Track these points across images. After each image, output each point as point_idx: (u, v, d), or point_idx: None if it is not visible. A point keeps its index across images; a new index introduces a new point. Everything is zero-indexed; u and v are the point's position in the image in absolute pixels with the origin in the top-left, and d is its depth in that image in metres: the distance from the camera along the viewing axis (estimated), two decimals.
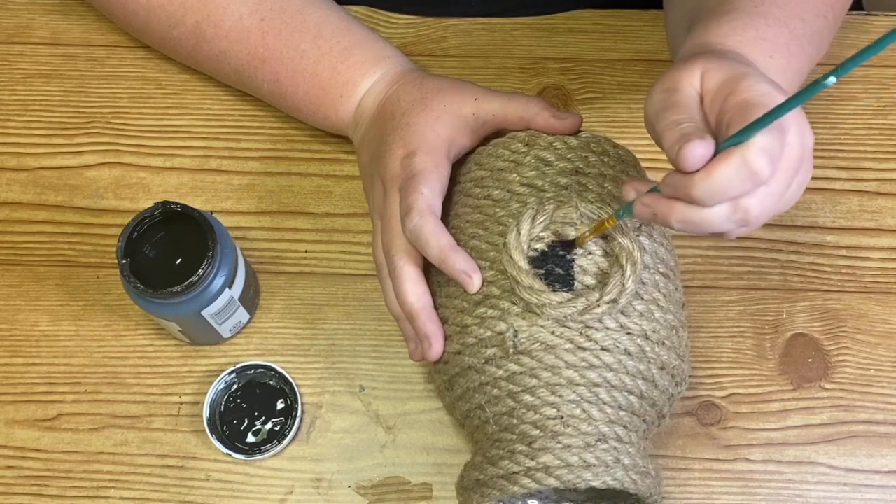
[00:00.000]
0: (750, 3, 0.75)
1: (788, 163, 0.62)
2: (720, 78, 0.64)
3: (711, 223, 0.62)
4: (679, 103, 0.64)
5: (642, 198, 0.65)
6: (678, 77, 0.65)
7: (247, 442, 0.83)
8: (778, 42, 0.73)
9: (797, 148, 0.63)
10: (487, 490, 0.70)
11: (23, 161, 0.91)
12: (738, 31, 0.72)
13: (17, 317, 0.87)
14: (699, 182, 0.60)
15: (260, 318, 0.86)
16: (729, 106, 0.62)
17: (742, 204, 0.61)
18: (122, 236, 0.76)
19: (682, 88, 0.65)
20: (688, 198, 0.61)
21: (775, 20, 0.74)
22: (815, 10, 0.78)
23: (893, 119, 0.91)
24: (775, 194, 0.62)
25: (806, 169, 0.65)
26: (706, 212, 0.62)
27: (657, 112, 0.64)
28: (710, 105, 0.63)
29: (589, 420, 0.70)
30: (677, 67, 0.66)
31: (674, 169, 0.62)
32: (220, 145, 0.91)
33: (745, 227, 0.63)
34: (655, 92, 0.66)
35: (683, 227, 0.63)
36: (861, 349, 0.85)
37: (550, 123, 0.76)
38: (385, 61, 0.83)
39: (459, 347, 0.72)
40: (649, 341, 0.71)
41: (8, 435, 0.84)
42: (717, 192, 0.60)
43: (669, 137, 0.61)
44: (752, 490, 0.82)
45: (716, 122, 0.63)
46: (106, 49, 0.95)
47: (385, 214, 0.76)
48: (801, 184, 0.65)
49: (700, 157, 0.60)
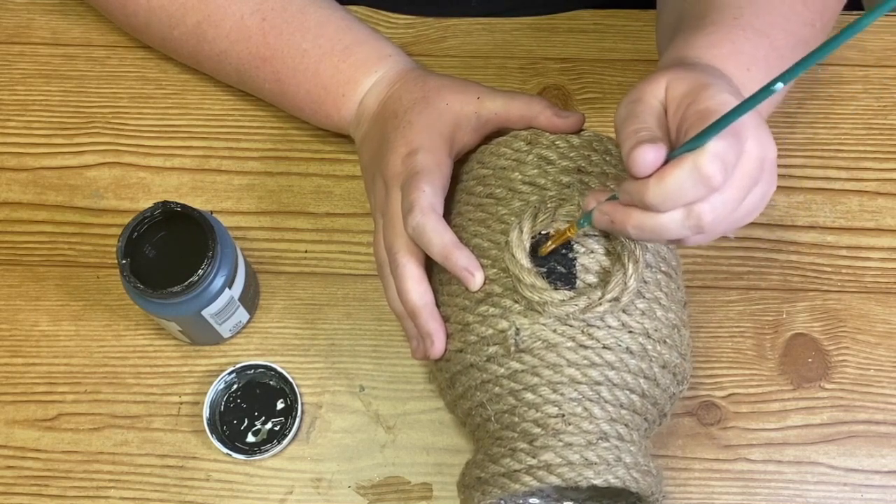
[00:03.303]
0: (729, 15, 0.75)
1: (745, 171, 0.62)
2: (683, 89, 0.65)
3: (666, 228, 0.63)
4: (640, 113, 0.65)
5: (601, 206, 0.66)
6: (643, 89, 0.66)
7: (247, 442, 0.83)
8: (756, 55, 0.74)
9: (755, 158, 0.63)
10: (489, 488, 0.70)
11: (23, 161, 0.91)
12: (714, 45, 0.73)
13: (17, 317, 0.87)
14: (652, 187, 0.61)
15: (260, 318, 0.86)
16: (689, 114, 0.63)
17: (695, 210, 0.62)
18: (122, 236, 0.76)
19: (645, 99, 0.66)
20: (642, 203, 0.62)
21: (754, 32, 0.74)
22: (800, 19, 0.78)
23: (893, 119, 0.92)
24: (730, 202, 0.62)
25: (767, 180, 0.65)
26: (660, 217, 0.62)
27: (621, 122, 0.65)
28: (674, 115, 0.64)
29: (591, 418, 0.70)
30: (644, 80, 0.67)
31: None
32: (220, 145, 0.91)
33: (699, 234, 0.63)
34: (622, 104, 0.67)
35: (639, 233, 0.64)
36: (861, 349, 0.85)
37: (553, 122, 0.77)
38: (387, 60, 0.83)
39: (461, 345, 0.72)
40: (651, 340, 0.71)
41: (8, 435, 0.84)
42: (669, 198, 0.61)
43: (626, 145, 0.62)
44: (752, 490, 0.82)
45: (676, 130, 0.64)
46: (106, 49, 0.95)
47: (387, 212, 0.76)
48: (762, 195, 0.65)
49: (650, 161, 0.60)
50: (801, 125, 0.91)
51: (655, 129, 0.64)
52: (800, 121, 0.91)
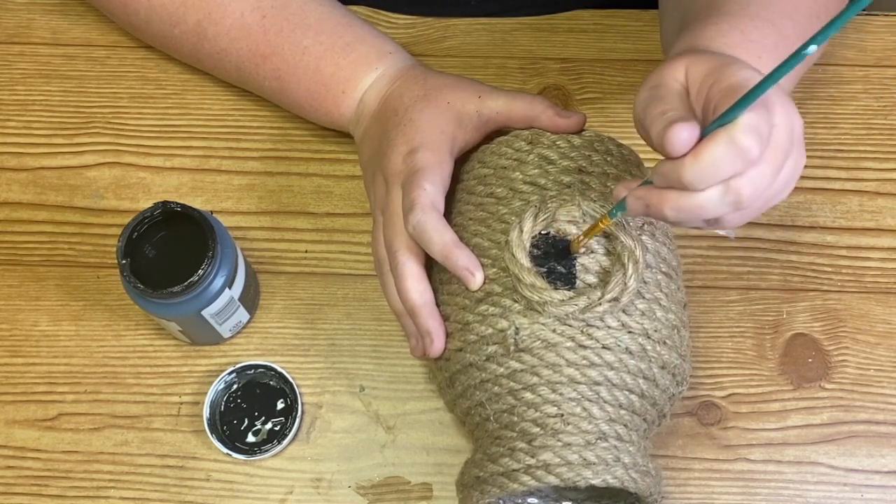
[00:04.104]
0: (736, 5, 0.75)
1: (778, 142, 0.62)
2: (704, 69, 0.64)
3: (704, 208, 0.62)
4: (664, 96, 0.64)
5: (634, 191, 0.65)
6: (662, 73, 0.66)
7: (247, 442, 0.83)
8: (765, 43, 0.73)
9: (786, 128, 0.62)
10: (487, 487, 0.70)
11: (23, 161, 0.91)
12: (724, 34, 0.73)
13: (17, 317, 0.87)
14: (689, 165, 0.60)
15: (260, 318, 0.86)
16: (714, 92, 0.62)
17: (734, 185, 0.61)
18: (122, 236, 0.76)
19: (666, 83, 0.65)
20: (679, 183, 0.61)
21: (763, 21, 0.74)
22: (807, 10, 0.78)
23: (893, 119, 0.91)
24: (767, 175, 0.62)
25: (798, 153, 0.64)
26: (698, 196, 0.61)
27: (644, 108, 0.64)
28: (697, 96, 0.64)
29: (589, 418, 0.70)
30: (661, 66, 0.67)
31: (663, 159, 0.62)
32: (221, 145, 0.91)
33: (738, 210, 0.62)
34: (642, 91, 0.66)
35: (677, 215, 0.63)
36: (861, 349, 0.85)
37: (554, 122, 0.77)
38: (387, 57, 0.83)
39: (461, 344, 0.72)
40: (651, 340, 0.71)
41: (8, 435, 0.84)
42: (707, 174, 0.60)
43: (656, 127, 0.62)
44: (752, 490, 0.82)
45: (702, 110, 0.63)
46: (106, 49, 0.95)
47: (387, 210, 0.76)
48: (794, 168, 0.64)
49: (685, 139, 0.60)
50: None
51: (684, 109, 0.63)
52: None
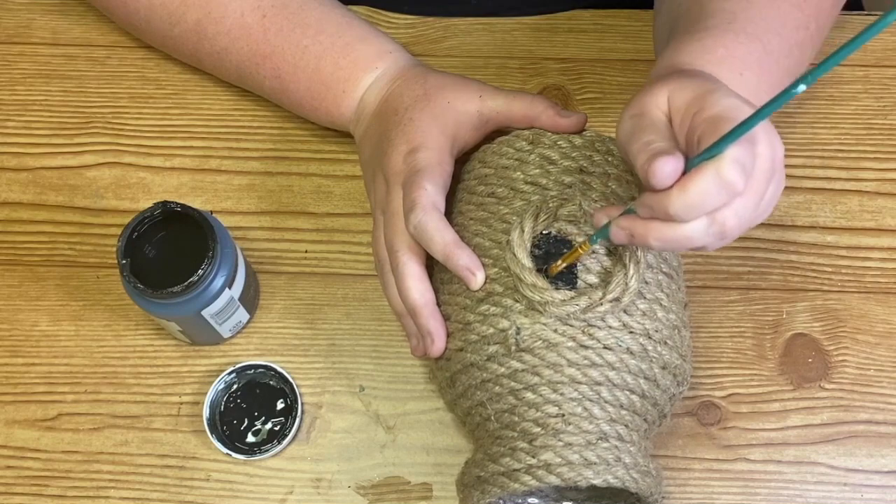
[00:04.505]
0: (722, 20, 0.75)
1: (761, 173, 0.63)
2: (687, 97, 0.65)
3: (690, 238, 0.63)
4: (647, 126, 0.65)
5: (618, 221, 0.66)
6: (644, 101, 0.66)
7: (247, 442, 0.83)
8: (749, 59, 0.74)
9: (768, 159, 0.63)
10: (488, 487, 0.70)
11: (23, 161, 0.91)
12: (707, 51, 0.73)
13: (17, 317, 0.87)
14: (676, 198, 0.61)
15: (260, 318, 0.86)
16: (698, 122, 0.62)
17: (719, 217, 0.62)
18: (122, 236, 0.76)
19: (649, 112, 0.66)
20: (665, 215, 0.62)
21: (747, 36, 0.74)
22: (794, 22, 0.78)
23: (893, 119, 0.92)
24: (750, 205, 0.63)
25: (778, 179, 0.65)
26: (684, 227, 0.62)
27: (628, 137, 0.65)
28: (680, 124, 0.64)
29: (590, 418, 0.70)
30: (643, 92, 0.67)
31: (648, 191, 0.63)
32: (221, 145, 0.91)
33: (722, 239, 0.63)
34: (624, 118, 0.67)
35: (662, 244, 0.64)
36: (861, 349, 0.85)
37: (555, 121, 0.77)
38: (387, 56, 0.83)
39: (461, 344, 0.72)
40: (651, 340, 0.71)
41: (8, 435, 0.84)
42: (693, 207, 0.61)
43: (640, 159, 0.62)
44: (752, 490, 0.82)
45: (686, 140, 0.64)
46: (106, 49, 0.95)
47: (388, 210, 0.76)
48: (774, 194, 0.65)
49: (670, 172, 0.60)
50: (801, 125, 0.91)
51: (668, 139, 0.64)
52: (800, 121, 0.91)
